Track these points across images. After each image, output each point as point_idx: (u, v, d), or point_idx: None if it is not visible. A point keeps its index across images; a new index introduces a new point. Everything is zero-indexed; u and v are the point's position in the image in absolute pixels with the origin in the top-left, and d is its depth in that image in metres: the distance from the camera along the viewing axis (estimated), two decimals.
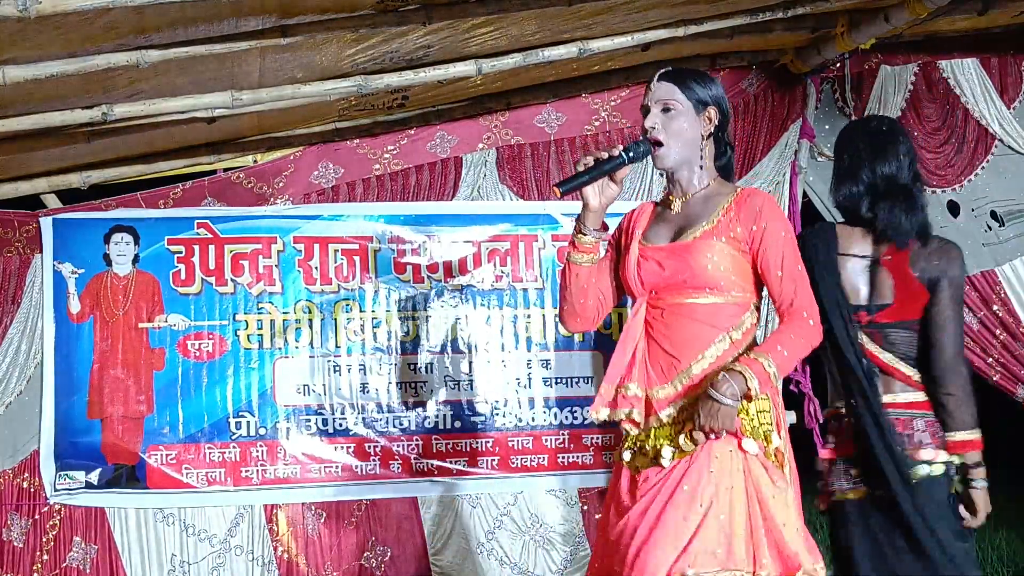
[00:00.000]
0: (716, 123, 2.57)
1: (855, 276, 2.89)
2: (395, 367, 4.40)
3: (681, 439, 2.43)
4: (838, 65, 4.67)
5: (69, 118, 3.56)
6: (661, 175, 2.75)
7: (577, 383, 4.49)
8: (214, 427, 4.27)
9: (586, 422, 4.44)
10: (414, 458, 4.37)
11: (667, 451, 2.44)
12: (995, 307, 4.62)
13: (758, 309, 2.57)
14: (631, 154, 2.47)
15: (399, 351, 4.41)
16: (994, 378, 4.64)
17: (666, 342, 2.49)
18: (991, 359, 4.63)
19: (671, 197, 2.60)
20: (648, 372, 2.50)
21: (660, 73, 2.58)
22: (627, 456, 2.54)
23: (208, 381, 4.28)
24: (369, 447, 4.35)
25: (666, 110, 2.53)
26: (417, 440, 4.38)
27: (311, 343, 4.35)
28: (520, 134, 4.56)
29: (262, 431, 4.30)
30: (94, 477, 4.19)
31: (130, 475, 4.21)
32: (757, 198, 2.52)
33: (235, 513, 4.28)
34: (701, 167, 2.57)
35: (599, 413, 2.53)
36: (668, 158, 2.53)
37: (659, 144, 2.52)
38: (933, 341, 2.83)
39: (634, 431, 2.53)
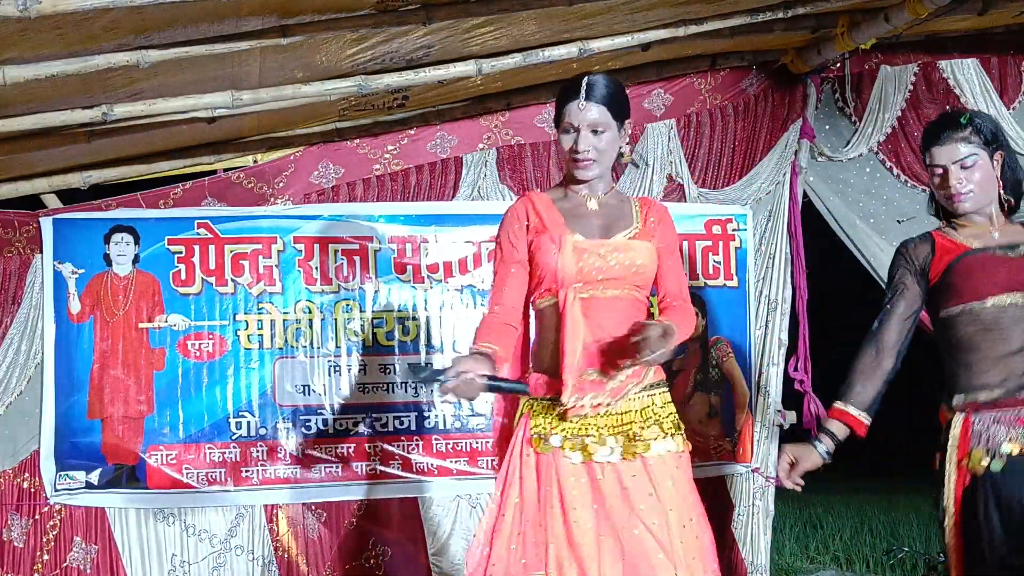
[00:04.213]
0: (628, 134, 2.80)
1: None
2: (395, 367, 4.40)
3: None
4: (838, 65, 4.67)
5: (69, 118, 3.56)
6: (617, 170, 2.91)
7: None
8: (214, 427, 4.27)
9: None
10: (414, 458, 4.37)
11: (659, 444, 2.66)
12: None
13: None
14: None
15: (399, 351, 4.41)
16: None
17: (615, 333, 2.63)
18: None
19: (582, 195, 2.77)
20: (602, 361, 2.63)
21: (585, 93, 2.68)
22: (557, 442, 2.63)
23: (208, 381, 4.28)
24: (369, 447, 4.35)
25: (595, 132, 2.69)
26: (417, 440, 4.38)
27: (311, 343, 4.35)
28: (520, 134, 4.56)
29: (262, 431, 4.30)
30: (94, 477, 4.19)
31: (130, 475, 4.21)
32: (660, 207, 2.84)
33: (235, 513, 4.28)
34: (608, 172, 2.80)
35: (569, 400, 2.60)
36: (591, 172, 2.72)
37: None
38: None
39: (578, 419, 2.64)
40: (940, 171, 2.75)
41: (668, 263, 2.78)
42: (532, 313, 2.81)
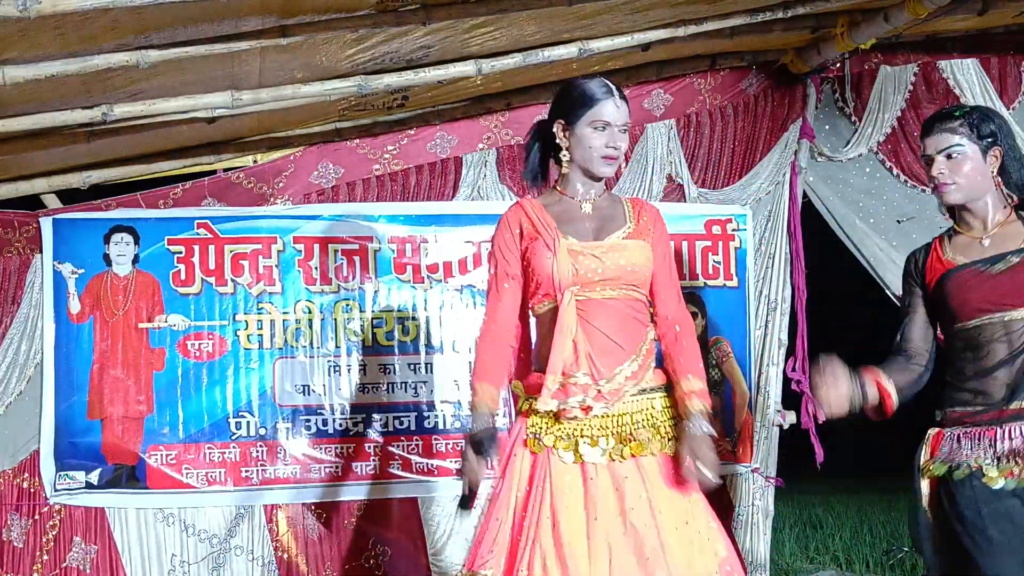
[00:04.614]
0: None
1: None
2: (395, 367, 4.40)
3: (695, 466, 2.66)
4: (838, 65, 4.67)
5: (69, 118, 3.56)
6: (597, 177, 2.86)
7: None
8: (214, 427, 4.27)
9: None
10: (414, 458, 4.37)
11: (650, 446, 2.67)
12: None
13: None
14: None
15: (399, 351, 4.41)
16: None
17: (611, 334, 2.66)
18: None
19: (576, 199, 2.78)
20: (594, 363, 2.64)
21: (618, 94, 2.73)
22: (550, 441, 2.65)
23: (208, 381, 4.28)
24: (369, 447, 4.35)
25: (624, 132, 2.74)
26: (417, 440, 4.38)
27: (311, 343, 4.35)
28: (520, 134, 4.56)
29: (262, 431, 4.30)
30: (94, 477, 4.19)
31: (130, 475, 4.21)
32: (652, 207, 2.85)
33: (235, 513, 4.28)
34: None
35: (548, 403, 2.63)
36: (612, 169, 2.78)
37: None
38: None
39: (578, 419, 2.65)
40: (928, 161, 2.73)
41: (664, 272, 2.78)
42: (532, 318, 2.83)
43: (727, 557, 2.66)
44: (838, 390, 2.67)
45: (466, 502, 2.69)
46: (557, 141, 2.76)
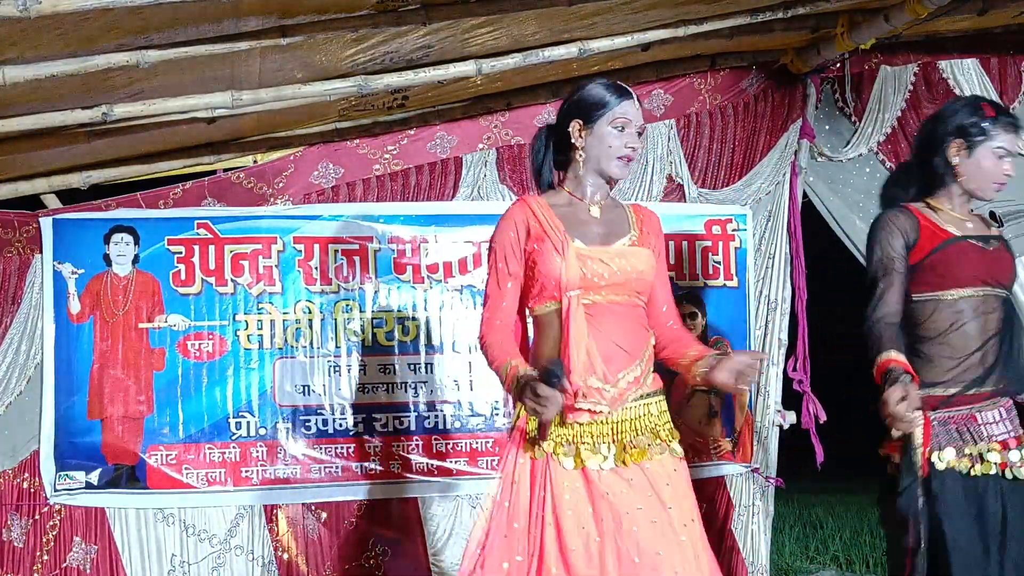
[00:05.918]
0: None
1: None
2: (395, 367, 4.40)
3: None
4: (838, 65, 4.67)
5: (69, 118, 3.56)
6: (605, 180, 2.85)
7: None
8: (214, 427, 4.27)
9: None
10: (414, 458, 4.37)
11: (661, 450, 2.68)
12: None
13: None
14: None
15: (399, 351, 4.41)
16: None
17: (616, 339, 2.65)
18: None
19: (585, 201, 2.77)
20: (603, 368, 2.63)
21: (635, 97, 2.77)
22: (549, 447, 2.63)
23: (208, 381, 4.29)
24: (369, 447, 4.35)
25: (640, 133, 2.77)
26: (417, 440, 4.38)
27: (311, 343, 4.35)
28: (520, 134, 4.56)
29: (262, 431, 4.30)
30: (94, 477, 4.19)
31: (130, 475, 4.22)
32: (652, 215, 2.86)
33: (235, 513, 4.29)
34: None
35: (577, 403, 2.61)
36: (628, 170, 2.79)
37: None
38: None
39: (574, 425, 2.63)
40: (997, 153, 2.78)
41: (661, 279, 2.82)
42: (531, 319, 2.83)
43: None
44: (915, 398, 2.69)
45: (543, 433, 2.59)
46: (573, 141, 2.76)
